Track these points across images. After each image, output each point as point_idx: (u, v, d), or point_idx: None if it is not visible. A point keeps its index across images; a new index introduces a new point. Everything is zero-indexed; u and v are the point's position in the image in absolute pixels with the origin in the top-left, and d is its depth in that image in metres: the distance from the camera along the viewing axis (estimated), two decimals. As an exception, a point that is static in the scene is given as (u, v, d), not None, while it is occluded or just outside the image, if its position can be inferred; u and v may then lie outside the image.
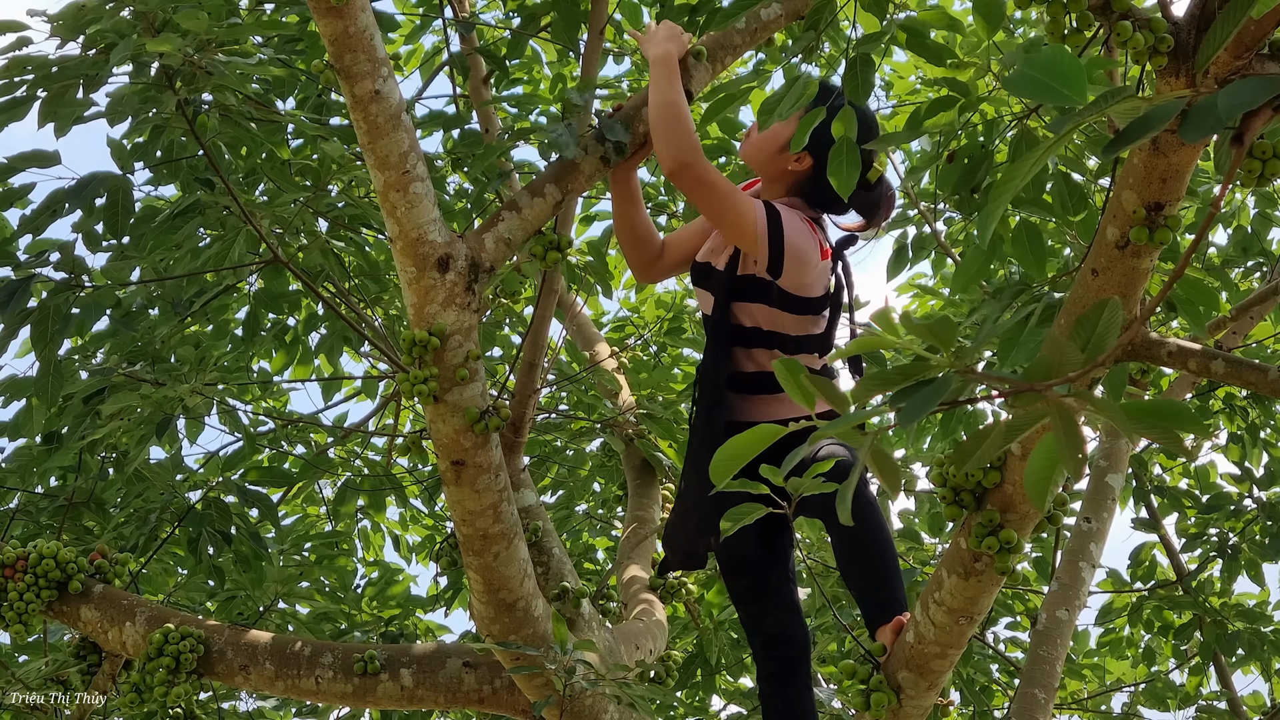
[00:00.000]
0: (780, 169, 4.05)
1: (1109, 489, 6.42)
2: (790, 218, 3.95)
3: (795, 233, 3.92)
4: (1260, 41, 2.50)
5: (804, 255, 3.93)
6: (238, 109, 5.03)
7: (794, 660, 4.07)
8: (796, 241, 3.92)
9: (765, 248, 3.90)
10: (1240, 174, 2.75)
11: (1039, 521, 3.25)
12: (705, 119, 4.01)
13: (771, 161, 4.06)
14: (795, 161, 4.03)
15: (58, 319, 5.14)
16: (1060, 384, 1.89)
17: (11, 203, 5.18)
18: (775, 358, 3.95)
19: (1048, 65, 2.06)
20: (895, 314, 2.01)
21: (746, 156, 4.13)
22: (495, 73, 6.29)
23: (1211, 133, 2.07)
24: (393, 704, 4.52)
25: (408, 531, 8.61)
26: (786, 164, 4.04)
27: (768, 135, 4.03)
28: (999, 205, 2.12)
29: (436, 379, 3.75)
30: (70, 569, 4.57)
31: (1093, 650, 8.58)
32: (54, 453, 5.89)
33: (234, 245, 5.37)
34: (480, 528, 3.97)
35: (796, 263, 3.92)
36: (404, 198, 3.63)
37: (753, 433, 2.14)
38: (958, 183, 4.01)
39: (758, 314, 4.01)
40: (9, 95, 4.69)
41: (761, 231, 3.89)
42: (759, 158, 4.08)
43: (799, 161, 4.03)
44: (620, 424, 6.71)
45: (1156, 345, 3.23)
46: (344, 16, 3.44)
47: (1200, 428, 1.88)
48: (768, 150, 4.05)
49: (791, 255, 3.91)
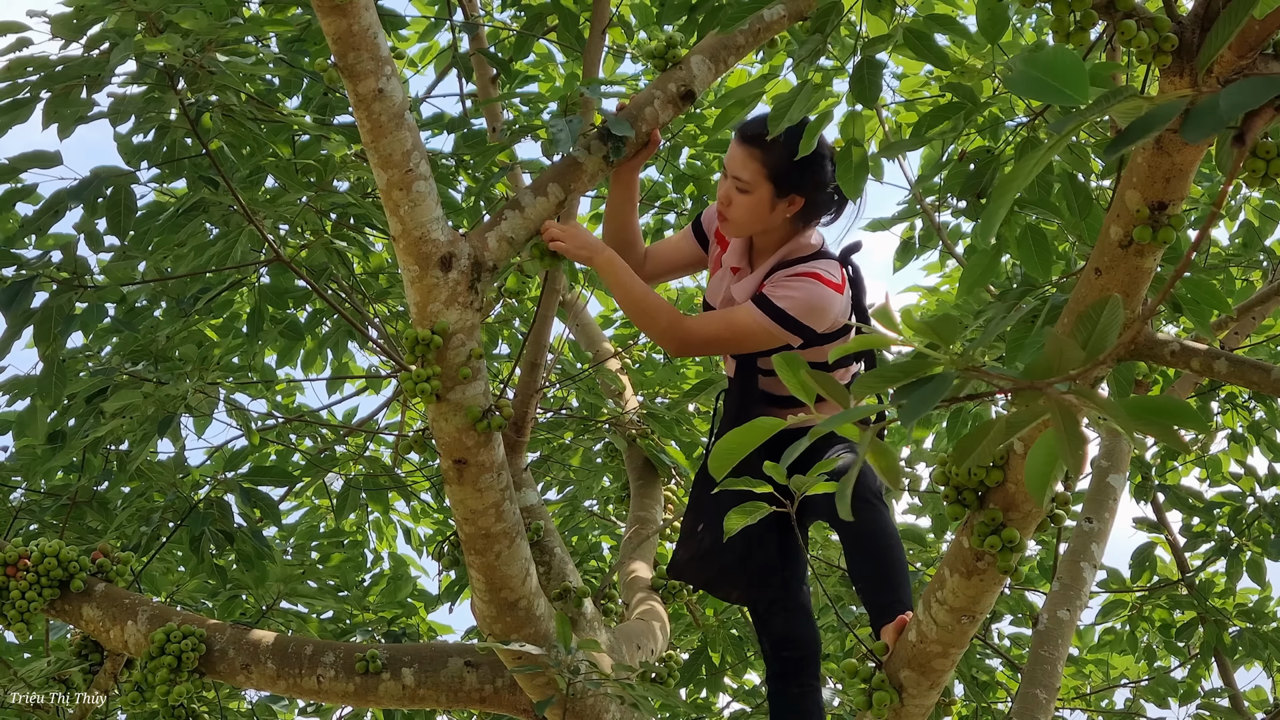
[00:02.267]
0: (777, 219, 4.05)
1: (1111, 489, 6.42)
2: (782, 290, 3.97)
3: (793, 301, 3.96)
4: (1264, 41, 2.50)
5: (820, 310, 3.97)
6: (240, 108, 5.03)
7: (801, 661, 4.07)
8: (803, 306, 3.96)
9: (786, 333, 3.97)
10: (1243, 174, 2.74)
11: (1041, 520, 3.25)
12: (717, 125, 4.00)
13: (766, 219, 4.05)
14: (789, 205, 4.03)
15: (60, 319, 5.15)
16: (1061, 382, 1.89)
17: (15, 203, 5.18)
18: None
19: (1050, 65, 2.06)
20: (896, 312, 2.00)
21: (740, 231, 4.10)
22: (500, 74, 6.30)
23: (1213, 132, 2.06)
24: (394, 703, 4.52)
25: (419, 524, 8.63)
26: (782, 214, 4.04)
27: (748, 203, 4.01)
28: (1002, 205, 2.11)
29: (439, 378, 3.75)
30: (72, 567, 4.57)
31: (1096, 646, 8.58)
32: (58, 452, 5.89)
33: (237, 244, 5.37)
34: (482, 526, 3.97)
35: (821, 318, 3.97)
36: (407, 196, 3.63)
37: (750, 427, 2.14)
38: (964, 186, 4.01)
39: (818, 354, 4.05)
40: (12, 96, 4.69)
41: (774, 329, 3.95)
42: (755, 224, 4.06)
43: (791, 204, 4.03)
44: (623, 423, 6.71)
45: (1159, 344, 3.23)
46: (347, 15, 3.44)
47: (1201, 425, 1.88)
48: (759, 213, 4.03)
49: (809, 318, 3.96)
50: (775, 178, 3.96)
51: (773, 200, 3.99)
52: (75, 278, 5.15)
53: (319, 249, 5.52)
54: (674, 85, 4.19)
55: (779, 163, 3.91)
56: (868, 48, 3.62)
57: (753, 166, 3.96)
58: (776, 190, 3.98)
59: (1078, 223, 3.90)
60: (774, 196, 3.99)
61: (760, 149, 3.93)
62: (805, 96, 3.58)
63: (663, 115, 4.15)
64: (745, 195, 4.00)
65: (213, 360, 5.68)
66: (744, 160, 3.97)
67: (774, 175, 3.95)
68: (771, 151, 3.92)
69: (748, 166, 3.96)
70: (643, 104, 4.14)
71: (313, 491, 8.01)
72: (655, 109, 4.14)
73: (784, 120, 3.59)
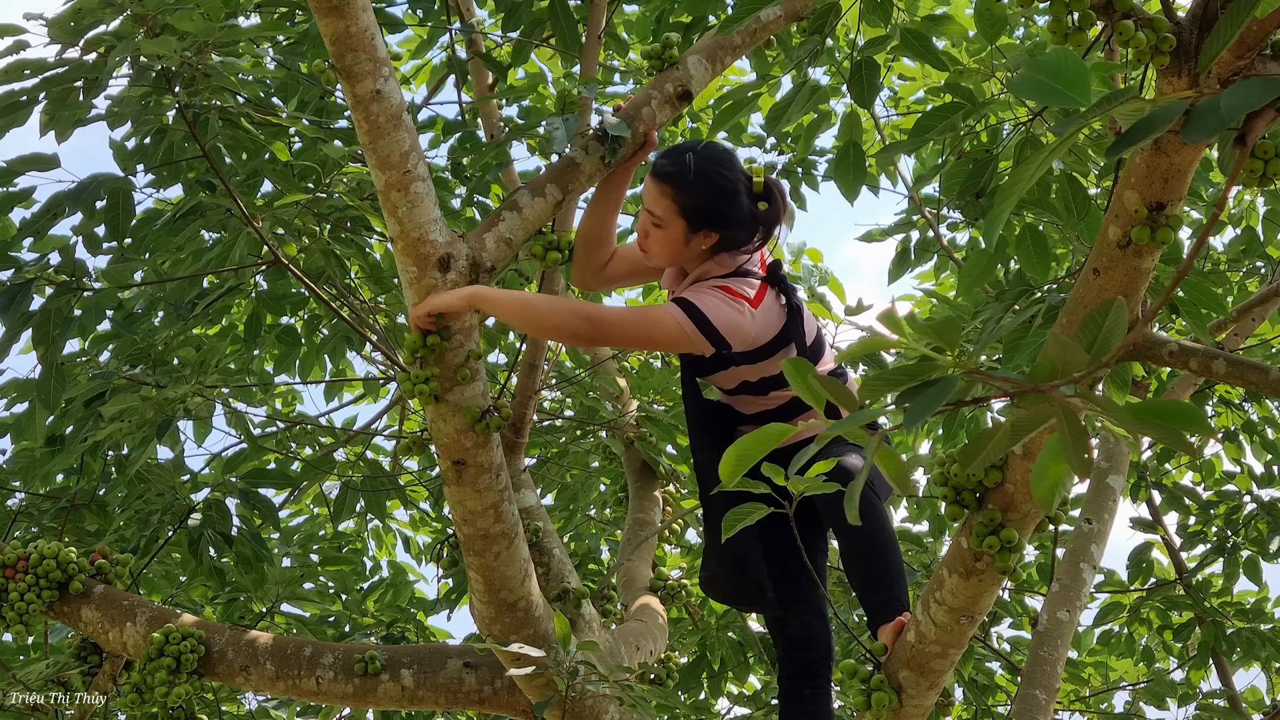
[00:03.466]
0: (694, 252, 4.01)
1: (1110, 490, 6.42)
2: (708, 299, 3.92)
3: (717, 309, 3.89)
4: (1263, 42, 2.50)
5: (735, 324, 3.90)
6: (237, 111, 5.03)
7: (815, 663, 4.08)
8: (722, 317, 3.88)
9: (703, 339, 3.88)
10: (1242, 174, 2.75)
11: (1040, 521, 3.25)
12: (713, 127, 4.01)
13: (683, 253, 4.02)
14: (704, 238, 3.99)
15: (59, 322, 5.14)
16: (1065, 384, 1.89)
17: (12, 206, 5.18)
18: (770, 397, 3.98)
19: (1052, 67, 2.06)
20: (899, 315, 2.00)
21: (660, 263, 4.09)
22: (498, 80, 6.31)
23: (1214, 133, 2.07)
24: (393, 704, 4.52)
25: (419, 532, 8.62)
26: (699, 245, 4.00)
27: (663, 237, 3.98)
28: (1005, 209, 2.11)
29: (438, 379, 3.75)
30: (71, 569, 4.56)
31: (1095, 648, 8.58)
32: (57, 455, 5.88)
33: (235, 247, 5.37)
34: (481, 527, 3.97)
35: (734, 333, 3.90)
36: (405, 197, 3.63)
37: (760, 433, 2.14)
38: (963, 186, 4.01)
39: (737, 374, 4.02)
40: (9, 100, 4.69)
41: (691, 330, 3.87)
42: (673, 257, 4.04)
43: (707, 238, 3.98)
44: (621, 426, 6.71)
45: (1158, 345, 3.23)
46: (345, 16, 3.44)
47: (1204, 427, 1.88)
48: (675, 247, 4.00)
49: (727, 331, 3.89)
50: (687, 214, 3.92)
51: (686, 235, 3.96)
52: (73, 280, 5.14)
53: (316, 252, 5.52)
54: (671, 85, 4.20)
55: (690, 201, 3.88)
56: (866, 49, 3.63)
57: (664, 203, 3.93)
58: (690, 226, 3.94)
59: (1076, 223, 3.91)
60: (687, 232, 3.96)
61: (672, 186, 3.91)
62: (803, 98, 3.59)
63: (660, 115, 4.15)
64: (660, 230, 3.97)
65: (210, 364, 5.67)
66: (656, 197, 3.95)
67: (686, 212, 3.92)
68: (683, 189, 3.90)
69: (659, 203, 3.94)
70: (640, 104, 4.14)
71: (310, 499, 8.00)
72: (652, 109, 4.15)
73: (782, 121, 3.59)
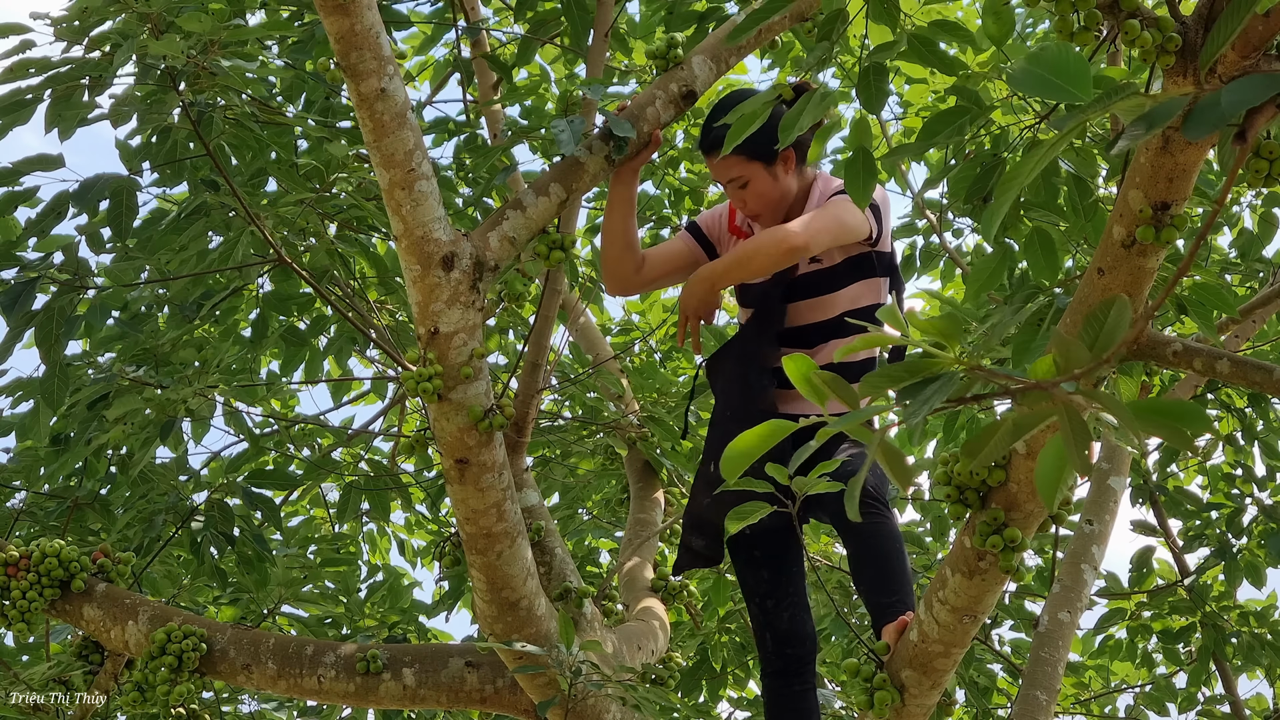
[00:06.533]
0: (787, 184, 4.16)
1: (1111, 491, 6.42)
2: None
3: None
4: (1268, 40, 2.50)
5: (886, 206, 4.17)
6: (242, 110, 5.03)
7: (802, 659, 4.09)
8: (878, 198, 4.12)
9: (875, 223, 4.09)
10: (1247, 174, 2.75)
11: (1043, 520, 3.25)
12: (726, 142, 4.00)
13: (780, 188, 4.15)
14: (784, 164, 4.13)
15: (62, 320, 5.15)
16: (1067, 382, 1.89)
17: (16, 206, 5.18)
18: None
19: (1053, 62, 2.06)
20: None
21: (776, 213, 4.18)
22: (502, 80, 6.31)
23: (1214, 130, 2.06)
24: (395, 704, 4.51)
25: (414, 536, 8.61)
26: (785, 174, 4.15)
27: (757, 190, 4.12)
28: (1005, 201, 2.11)
29: (440, 377, 3.75)
30: (73, 568, 4.56)
31: (1096, 652, 8.57)
32: (61, 455, 5.89)
33: (239, 247, 5.37)
34: (484, 526, 3.97)
35: (888, 217, 4.19)
36: (409, 196, 3.64)
37: (763, 428, 2.14)
38: (970, 190, 4.01)
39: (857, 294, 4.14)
40: (14, 98, 4.69)
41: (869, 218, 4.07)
42: (776, 200, 4.15)
43: (785, 161, 4.13)
44: (623, 426, 6.71)
45: (1162, 344, 3.23)
46: (350, 14, 3.44)
47: (1207, 425, 1.88)
48: (770, 190, 4.14)
49: (885, 214, 4.17)
50: (755, 153, 4.05)
51: (770, 172, 4.11)
52: (77, 279, 5.15)
53: (320, 252, 5.52)
54: (676, 85, 4.20)
55: (747, 144, 3.94)
56: (874, 54, 3.62)
57: (731, 163, 4.08)
58: (765, 161, 4.09)
59: (1084, 225, 3.91)
60: (768, 168, 4.10)
61: (721, 147, 3.98)
62: (815, 104, 3.58)
63: (664, 115, 4.16)
64: (749, 188, 4.12)
65: (212, 365, 5.67)
66: (723, 166, 4.10)
67: (752, 152, 4.04)
68: (733, 141, 3.98)
69: (729, 168, 4.10)
70: (644, 104, 4.14)
71: (309, 501, 7.99)
72: (657, 109, 4.15)
73: (794, 130, 3.58)
